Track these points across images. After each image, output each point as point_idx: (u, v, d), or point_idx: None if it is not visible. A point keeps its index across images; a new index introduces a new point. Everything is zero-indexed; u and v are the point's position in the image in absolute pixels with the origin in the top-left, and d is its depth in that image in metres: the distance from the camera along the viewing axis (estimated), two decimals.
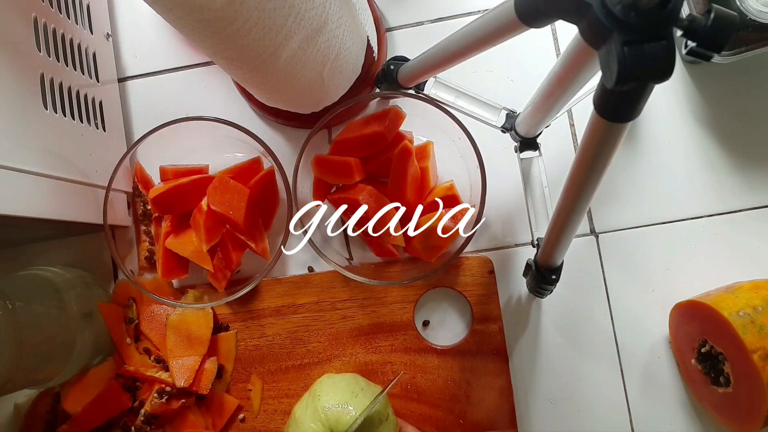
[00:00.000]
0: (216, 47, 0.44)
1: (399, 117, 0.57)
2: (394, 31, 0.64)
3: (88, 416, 0.56)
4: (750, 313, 0.48)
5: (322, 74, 0.52)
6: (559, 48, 0.62)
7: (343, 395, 0.51)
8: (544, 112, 0.47)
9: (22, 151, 0.46)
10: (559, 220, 0.43)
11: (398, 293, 0.59)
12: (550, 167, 0.55)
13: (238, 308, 0.60)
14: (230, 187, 0.57)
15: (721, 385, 0.51)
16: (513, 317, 0.59)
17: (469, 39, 0.44)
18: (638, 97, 0.30)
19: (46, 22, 0.52)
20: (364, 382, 0.54)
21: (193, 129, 0.58)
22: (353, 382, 0.53)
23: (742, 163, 0.59)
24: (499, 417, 0.56)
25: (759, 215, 0.58)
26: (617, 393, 0.57)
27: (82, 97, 0.56)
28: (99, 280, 0.61)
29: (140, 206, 0.61)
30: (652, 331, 0.58)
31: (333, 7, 0.47)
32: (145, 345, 0.59)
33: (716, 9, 0.28)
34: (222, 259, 0.58)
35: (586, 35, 0.31)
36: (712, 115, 0.60)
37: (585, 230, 0.59)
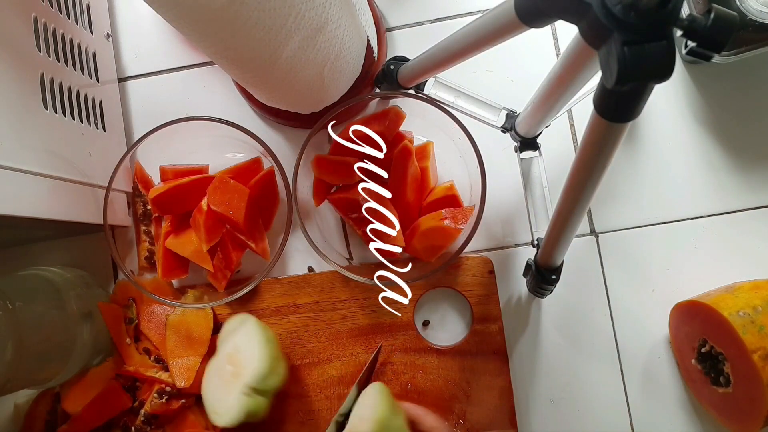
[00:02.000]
0: (216, 47, 0.44)
1: (399, 117, 0.57)
2: (394, 31, 0.64)
3: (88, 416, 0.56)
4: (750, 313, 0.48)
5: (322, 74, 0.52)
6: (559, 48, 0.62)
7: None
8: (544, 112, 0.47)
9: (22, 151, 0.46)
10: (559, 220, 0.43)
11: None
12: (550, 167, 0.55)
13: (238, 308, 0.60)
14: (230, 187, 0.57)
15: (721, 385, 0.51)
16: (513, 317, 0.59)
17: (469, 39, 0.44)
18: (638, 97, 0.30)
19: (46, 22, 0.52)
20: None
21: (193, 129, 0.58)
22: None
23: (742, 163, 0.59)
24: (499, 417, 0.56)
25: (759, 215, 0.58)
26: (617, 393, 0.57)
27: (82, 97, 0.56)
28: (99, 280, 0.61)
29: (140, 206, 0.61)
30: (652, 331, 0.58)
31: (333, 7, 0.47)
32: (145, 345, 0.59)
33: (716, 9, 0.28)
34: (222, 259, 0.58)
35: (586, 35, 0.31)
36: (712, 115, 0.60)
37: (585, 230, 0.59)
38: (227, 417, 0.51)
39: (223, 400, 0.53)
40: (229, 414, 0.51)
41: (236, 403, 0.51)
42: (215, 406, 0.53)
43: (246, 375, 0.52)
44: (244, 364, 0.53)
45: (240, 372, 0.53)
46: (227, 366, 0.54)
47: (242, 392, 0.51)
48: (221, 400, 0.53)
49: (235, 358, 0.54)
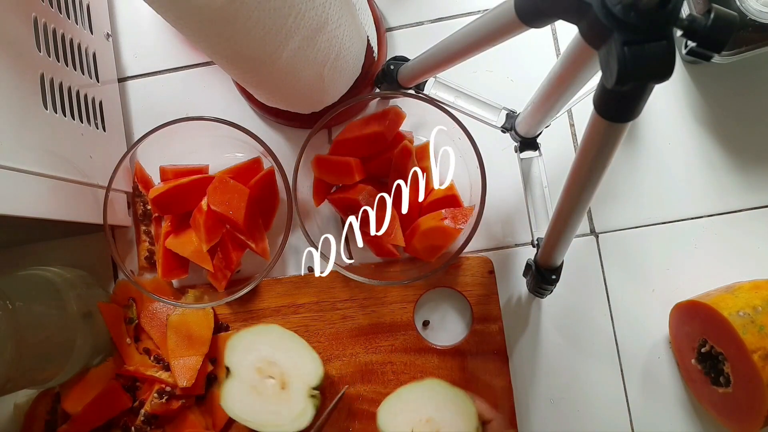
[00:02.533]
0: (216, 47, 0.44)
1: (399, 117, 0.57)
2: (394, 31, 0.64)
3: (88, 416, 0.56)
4: (750, 313, 0.48)
5: (322, 74, 0.52)
6: (559, 48, 0.62)
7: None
8: (544, 112, 0.47)
9: (22, 151, 0.46)
10: (559, 220, 0.43)
11: (398, 293, 0.59)
12: (550, 167, 0.55)
13: (238, 308, 0.60)
14: (230, 187, 0.57)
15: (721, 385, 0.51)
16: (513, 317, 0.59)
17: (469, 39, 0.44)
18: (638, 97, 0.30)
19: (46, 22, 0.52)
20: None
21: (193, 129, 0.58)
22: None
23: (742, 163, 0.59)
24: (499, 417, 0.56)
25: (759, 215, 0.58)
26: (617, 393, 0.57)
27: (82, 97, 0.56)
28: (99, 280, 0.61)
29: (140, 206, 0.61)
30: (652, 331, 0.58)
31: (333, 7, 0.47)
32: (145, 345, 0.59)
33: (716, 9, 0.28)
34: (222, 259, 0.58)
35: (586, 35, 0.31)
36: (712, 115, 0.60)
37: (585, 230, 0.59)
38: (301, 421, 0.54)
39: (286, 411, 0.54)
40: (302, 418, 0.54)
41: (306, 406, 0.54)
42: (274, 419, 0.54)
43: (302, 379, 0.55)
44: (292, 371, 0.55)
45: (288, 380, 0.55)
46: (266, 380, 0.55)
47: (308, 395, 0.54)
48: (280, 412, 0.54)
49: (271, 370, 0.55)
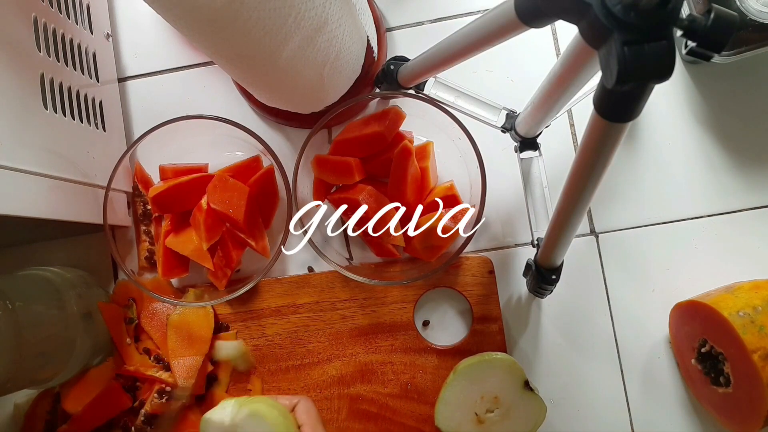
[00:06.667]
0: (216, 47, 0.44)
1: (399, 117, 0.57)
2: (394, 31, 0.64)
3: (88, 416, 0.56)
4: (750, 313, 0.48)
5: (322, 74, 0.52)
6: (559, 48, 0.62)
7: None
8: (544, 112, 0.47)
9: (22, 151, 0.46)
10: (559, 220, 0.43)
11: (398, 293, 0.59)
12: (550, 167, 0.55)
13: (238, 308, 0.60)
14: (230, 186, 0.57)
15: (721, 385, 0.51)
16: (513, 317, 0.59)
17: (469, 39, 0.44)
18: (638, 97, 0.30)
19: (46, 22, 0.52)
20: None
21: (192, 128, 0.58)
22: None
23: (742, 163, 0.59)
24: None
25: (759, 215, 0.58)
26: (617, 393, 0.57)
27: (82, 97, 0.56)
28: (99, 280, 0.61)
29: (140, 206, 0.61)
30: (652, 331, 0.58)
31: (333, 7, 0.47)
32: (145, 345, 0.59)
33: (716, 9, 0.28)
34: (222, 257, 0.58)
35: (586, 35, 0.31)
36: (712, 115, 0.60)
37: (585, 230, 0.59)
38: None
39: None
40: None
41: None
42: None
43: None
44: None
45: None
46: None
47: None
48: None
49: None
